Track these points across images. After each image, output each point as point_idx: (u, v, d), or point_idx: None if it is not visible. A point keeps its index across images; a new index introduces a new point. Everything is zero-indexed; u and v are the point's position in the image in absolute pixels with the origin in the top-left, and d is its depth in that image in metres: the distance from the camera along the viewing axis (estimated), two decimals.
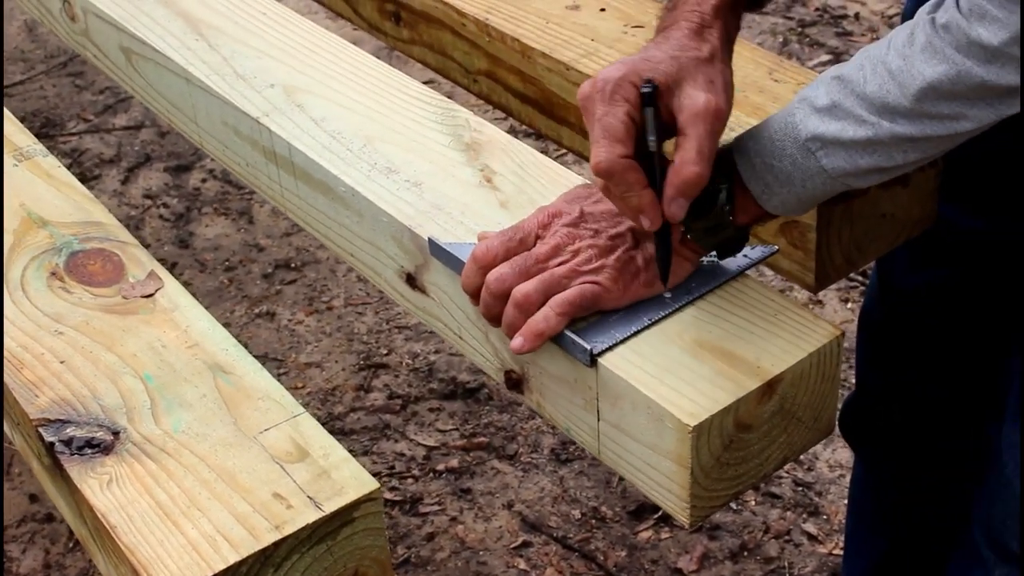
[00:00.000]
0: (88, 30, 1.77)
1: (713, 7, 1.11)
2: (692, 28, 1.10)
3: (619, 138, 1.05)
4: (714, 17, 1.11)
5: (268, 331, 2.77)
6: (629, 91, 1.05)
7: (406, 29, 1.77)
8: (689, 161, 1.04)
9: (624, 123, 1.05)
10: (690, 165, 1.04)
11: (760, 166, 1.09)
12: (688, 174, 1.05)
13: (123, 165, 3.35)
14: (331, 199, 1.35)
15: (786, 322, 1.10)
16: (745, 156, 1.09)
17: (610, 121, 1.05)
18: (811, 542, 2.24)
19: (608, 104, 1.05)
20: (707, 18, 1.10)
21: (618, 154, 1.04)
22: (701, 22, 1.10)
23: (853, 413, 1.66)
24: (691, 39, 1.09)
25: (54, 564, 2.27)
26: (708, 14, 1.11)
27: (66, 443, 1.08)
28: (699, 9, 1.11)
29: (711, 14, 1.11)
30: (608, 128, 1.05)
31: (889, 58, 1.00)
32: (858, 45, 3.67)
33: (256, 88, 1.48)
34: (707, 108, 1.05)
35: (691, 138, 1.05)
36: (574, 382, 1.12)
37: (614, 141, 1.05)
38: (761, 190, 1.09)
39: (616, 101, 1.05)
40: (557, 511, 2.32)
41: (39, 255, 1.32)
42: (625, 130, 1.05)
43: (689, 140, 1.05)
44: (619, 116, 1.05)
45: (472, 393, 2.58)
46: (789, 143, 1.06)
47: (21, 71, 3.80)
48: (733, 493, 1.09)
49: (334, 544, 1.00)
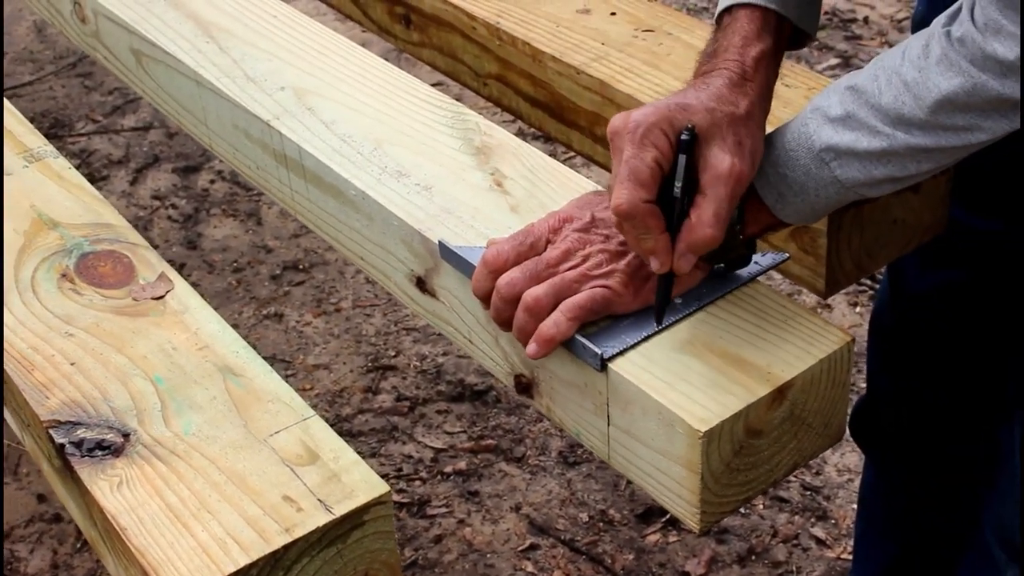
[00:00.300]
0: (99, 32, 1.77)
1: (755, 58, 1.10)
2: (732, 79, 1.09)
3: (644, 183, 1.05)
4: (755, 69, 1.10)
5: (276, 332, 2.78)
6: (659, 138, 1.05)
7: (416, 32, 1.77)
8: (705, 223, 1.05)
9: (651, 168, 1.05)
10: (706, 227, 1.05)
11: (774, 176, 1.09)
12: (702, 235, 1.05)
13: (132, 166, 3.36)
14: (341, 202, 1.36)
15: (797, 328, 1.10)
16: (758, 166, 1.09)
17: (637, 164, 1.05)
18: (819, 546, 2.23)
19: (637, 147, 1.05)
20: (748, 70, 1.10)
21: (641, 198, 1.04)
22: (742, 74, 1.09)
23: (863, 417, 1.66)
24: (730, 91, 1.08)
25: (62, 564, 2.27)
26: (750, 65, 1.10)
27: (76, 445, 1.08)
28: (741, 59, 1.10)
29: (752, 66, 1.10)
30: (635, 171, 1.05)
31: (904, 69, 1.00)
32: (867, 49, 3.67)
33: (266, 91, 1.48)
34: (730, 173, 1.05)
35: (710, 200, 1.05)
36: (584, 387, 1.12)
37: (638, 185, 1.04)
38: (775, 200, 1.10)
39: (646, 146, 1.05)
40: (565, 514, 2.31)
41: (49, 256, 1.33)
42: (651, 175, 1.05)
43: (708, 201, 1.05)
44: (647, 161, 1.05)
45: (480, 395, 2.58)
46: (803, 153, 1.06)
47: (30, 72, 3.80)
48: (743, 499, 1.09)
49: (344, 547, 1.00)
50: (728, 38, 1.12)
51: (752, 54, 1.10)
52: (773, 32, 1.12)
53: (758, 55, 1.10)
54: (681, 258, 1.07)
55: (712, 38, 1.15)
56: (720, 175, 1.05)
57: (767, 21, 1.12)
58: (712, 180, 1.05)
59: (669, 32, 1.57)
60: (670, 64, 1.49)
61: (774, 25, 1.13)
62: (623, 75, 1.48)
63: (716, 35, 1.14)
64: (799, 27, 1.15)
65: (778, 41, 1.13)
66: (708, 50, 1.14)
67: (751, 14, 1.12)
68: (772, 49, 1.12)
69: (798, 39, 1.17)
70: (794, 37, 1.16)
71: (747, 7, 1.12)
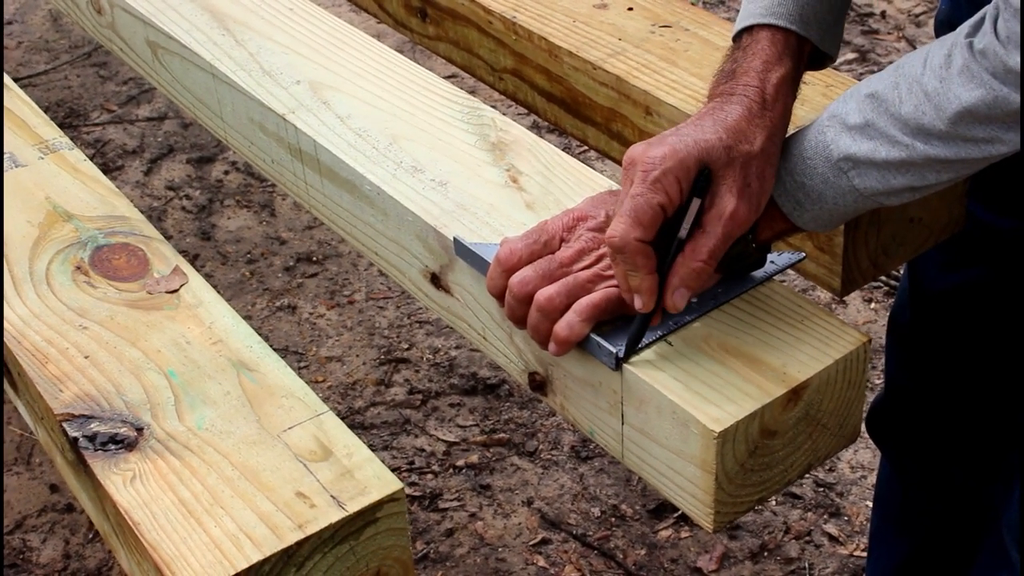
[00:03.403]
0: (114, 23, 1.77)
1: (775, 84, 1.09)
2: (752, 108, 1.08)
3: (643, 223, 1.04)
4: (776, 96, 1.09)
5: (289, 324, 2.78)
6: (672, 185, 1.04)
7: (432, 26, 1.77)
8: (698, 256, 1.06)
9: (654, 211, 1.04)
10: (698, 259, 1.06)
11: (791, 184, 1.08)
12: (694, 267, 1.06)
13: (146, 156, 3.36)
14: (356, 197, 1.35)
15: (812, 328, 1.10)
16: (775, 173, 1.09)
17: (642, 204, 1.04)
18: (832, 543, 2.23)
19: (648, 188, 1.04)
20: (769, 97, 1.08)
21: (635, 236, 1.04)
22: (762, 102, 1.08)
23: (880, 414, 1.66)
24: (748, 123, 1.07)
25: (73, 554, 2.27)
26: (770, 93, 1.09)
27: (90, 439, 1.08)
28: (761, 85, 1.09)
29: (773, 92, 1.09)
30: (637, 209, 1.04)
31: (925, 79, 0.99)
32: (884, 43, 3.66)
33: (282, 84, 1.48)
34: (732, 216, 1.05)
35: (708, 236, 1.06)
36: (599, 385, 1.12)
37: (637, 223, 1.04)
38: (792, 207, 1.09)
39: (656, 189, 1.04)
40: (577, 508, 2.31)
41: (64, 249, 1.33)
42: (652, 218, 1.04)
43: (706, 237, 1.06)
44: (652, 204, 1.04)
45: (493, 389, 2.58)
46: (820, 162, 1.06)
47: (45, 61, 3.81)
48: (757, 499, 1.08)
49: (357, 544, 1.00)
50: (748, 60, 1.10)
51: (773, 80, 1.09)
52: (794, 55, 1.11)
53: (778, 80, 1.09)
54: (675, 292, 1.07)
55: (730, 56, 1.13)
56: (721, 215, 1.05)
57: (789, 44, 1.11)
58: (713, 218, 1.06)
59: (686, 28, 1.56)
60: (687, 60, 1.49)
61: (795, 48, 1.12)
62: (639, 71, 1.47)
63: (735, 54, 1.13)
64: (820, 48, 1.14)
65: (799, 64, 1.12)
66: (726, 68, 1.12)
67: (773, 36, 1.11)
68: (792, 73, 1.11)
69: (819, 60, 1.16)
70: (814, 58, 1.15)
71: (769, 28, 1.11)
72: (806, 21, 1.12)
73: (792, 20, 1.11)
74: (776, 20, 1.11)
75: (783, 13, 1.11)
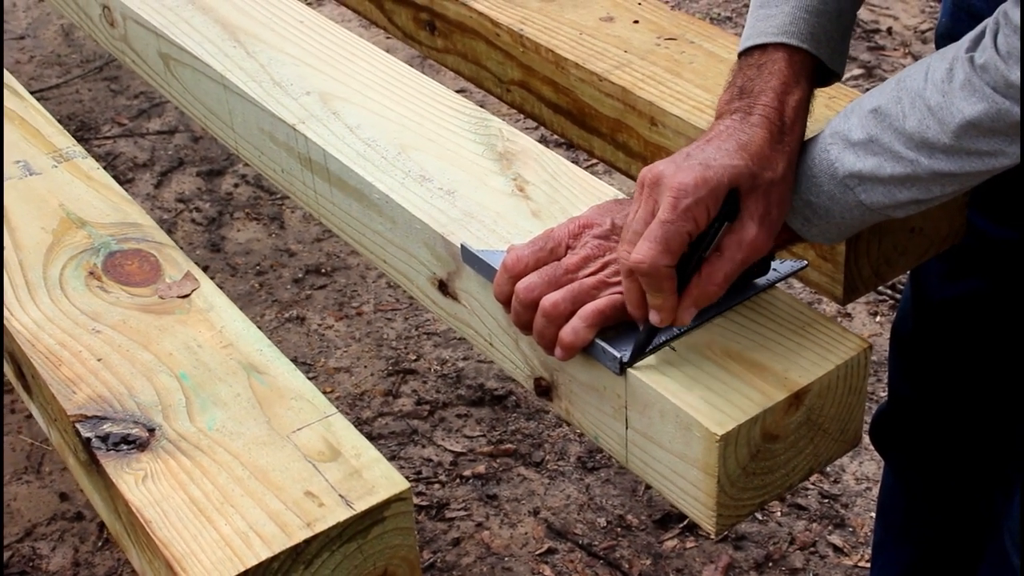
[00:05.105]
0: (127, 36, 1.79)
1: (794, 107, 1.10)
2: (773, 132, 1.08)
3: (672, 250, 1.04)
4: (795, 119, 1.09)
5: (298, 335, 2.80)
6: (702, 214, 1.04)
7: (440, 39, 1.79)
8: (714, 280, 1.07)
9: (683, 239, 1.04)
10: (713, 284, 1.07)
11: (798, 202, 1.10)
12: (708, 291, 1.07)
13: (156, 169, 3.38)
14: (365, 206, 1.37)
15: (815, 334, 1.11)
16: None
17: (673, 233, 1.04)
18: (836, 554, 2.24)
19: (679, 216, 1.04)
20: (788, 120, 1.09)
21: (664, 263, 1.04)
22: (782, 126, 1.08)
23: (885, 424, 1.67)
24: (771, 148, 1.07)
25: (83, 562, 2.29)
26: (790, 116, 1.09)
27: (102, 439, 1.10)
28: (780, 107, 1.09)
29: (792, 116, 1.09)
30: (668, 238, 1.04)
31: (928, 93, 1.00)
32: (890, 59, 3.68)
33: (292, 95, 1.50)
34: (752, 244, 1.07)
35: (726, 261, 1.07)
36: (603, 390, 1.13)
37: (667, 251, 1.04)
38: (800, 224, 1.11)
39: (687, 218, 1.04)
40: (583, 518, 2.33)
41: (77, 255, 1.35)
42: (681, 244, 1.05)
43: (723, 262, 1.07)
44: (682, 232, 1.04)
45: (500, 400, 2.60)
46: (826, 179, 1.07)
47: (57, 75, 3.84)
48: (759, 503, 1.10)
49: (364, 543, 1.02)
50: (765, 79, 1.10)
51: (791, 103, 1.10)
52: (809, 76, 1.12)
53: (796, 104, 1.10)
54: (685, 311, 1.07)
55: (741, 71, 1.13)
56: (742, 243, 1.06)
57: (804, 64, 1.12)
58: (733, 244, 1.06)
59: (691, 40, 1.58)
60: (692, 72, 1.50)
61: (810, 68, 1.12)
62: (645, 82, 1.49)
63: (747, 71, 1.12)
64: (829, 66, 1.14)
65: (812, 85, 1.13)
66: (737, 83, 1.12)
67: (790, 57, 1.11)
68: (808, 95, 1.12)
69: (824, 78, 1.16)
70: (821, 76, 1.15)
71: (785, 48, 1.11)
72: (817, 40, 1.12)
73: (805, 39, 1.11)
74: (791, 39, 1.11)
75: (796, 32, 1.11)
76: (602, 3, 1.68)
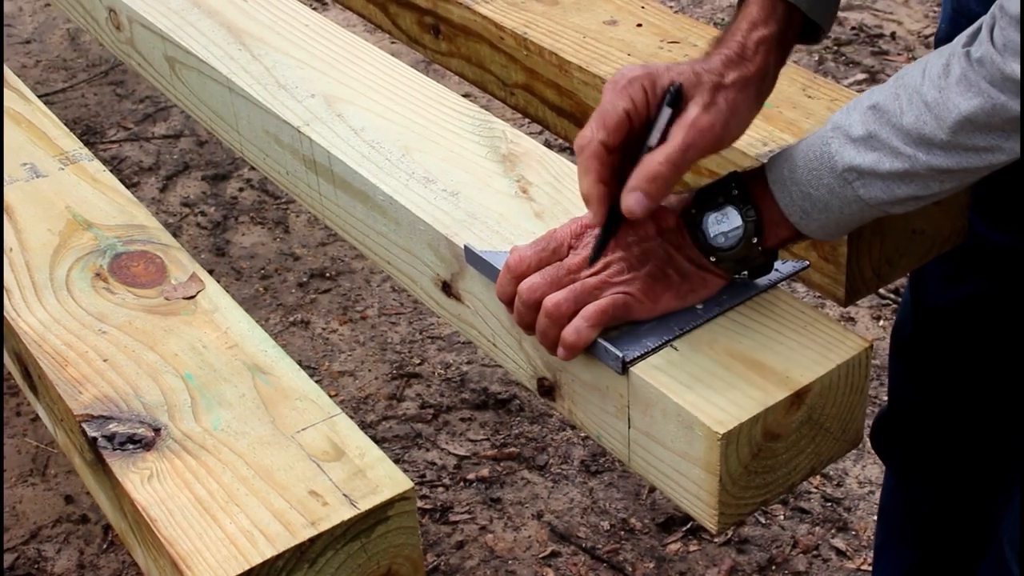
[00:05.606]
0: (133, 39, 1.80)
1: (756, 41, 1.13)
2: (730, 56, 1.12)
3: (607, 126, 1.10)
4: (755, 51, 1.13)
5: (302, 339, 2.80)
6: (638, 92, 1.10)
7: (444, 42, 1.80)
8: (656, 160, 1.09)
9: (619, 116, 1.10)
10: (655, 163, 1.09)
11: (797, 194, 1.10)
12: (649, 169, 1.09)
13: (162, 173, 3.40)
14: (369, 207, 1.38)
15: (816, 334, 1.12)
16: (781, 184, 1.10)
17: (607, 109, 1.11)
18: (839, 557, 2.24)
19: (615, 95, 1.11)
20: (748, 51, 1.12)
21: (598, 139, 1.10)
22: (741, 54, 1.12)
23: (885, 428, 1.67)
24: (725, 66, 1.12)
25: (88, 564, 2.30)
26: (751, 48, 1.13)
27: (108, 439, 1.11)
28: (743, 40, 1.13)
29: (753, 47, 1.13)
30: (604, 114, 1.11)
31: (925, 89, 1.01)
32: (894, 64, 3.68)
33: (297, 98, 1.51)
34: (695, 123, 1.09)
35: (669, 143, 1.09)
36: (606, 390, 1.14)
37: (602, 127, 1.10)
38: (800, 217, 1.11)
39: (623, 96, 1.10)
40: (586, 522, 2.33)
41: (84, 256, 1.36)
42: (617, 122, 1.10)
43: (667, 145, 1.09)
44: (618, 108, 1.10)
45: (504, 404, 2.60)
46: (825, 172, 1.07)
47: (63, 79, 3.85)
48: (760, 501, 1.10)
49: (368, 541, 1.02)
50: (735, 24, 1.15)
51: (755, 37, 1.13)
52: (781, 20, 1.14)
53: (760, 38, 1.13)
54: (630, 194, 1.09)
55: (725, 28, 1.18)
56: (684, 124, 1.09)
57: (775, 8, 1.14)
58: (677, 127, 1.10)
59: (695, 44, 1.59)
60: None
61: (783, 13, 1.14)
62: None
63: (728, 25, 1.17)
64: (811, 18, 1.16)
65: (785, 29, 1.15)
66: (719, 35, 1.17)
67: (761, 1, 1.14)
68: (777, 35, 1.14)
69: (812, 32, 1.18)
70: (808, 30, 1.17)
71: None
72: None
73: None
74: None
75: None
76: (606, 7, 1.69)
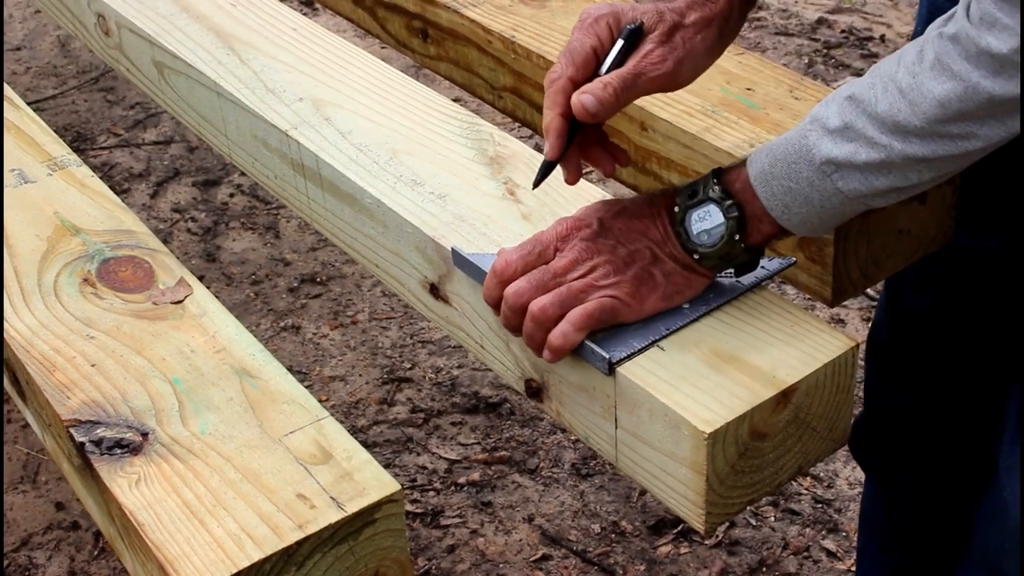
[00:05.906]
0: (122, 44, 1.80)
1: None
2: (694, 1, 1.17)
3: (575, 62, 1.15)
4: None
5: (293, 344, 2.80)
6: (603, 29, 1.16)
7: (433, 46, 1.80)
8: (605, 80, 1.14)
9: (586, 52, 1.15)
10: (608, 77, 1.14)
11: (778, 188, 1.10)
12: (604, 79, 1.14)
13: (152, 179, 3.39)
14: (357, 210, 1.38)
15: (803, 333, 1.12)
16: (762, 179, 1.10)
17: (575, 46, 1.16)
18: (830, 559, 2.25)
19: (581, 32, 1.17)
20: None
21: (567, 75, 1.15)
22: None
23: (862, 432, 1.67)
24: (688, 5, 1.17)
25: (79, 571, 2.29)
26: None
27: (96, 443, 1.11)
28: None
29: None
30: (571, 51, 1.16)
31: (899, 76, 1.01)
32: None
33: (285, 102, 1.51)
34: (647, 55, 1.15)
35: (622, 68, 1.14)
36: (593, 390, 1.14)
37: (570, 63, 1.15)
38: (781, 211, 1.11)
39: (588, 33, 1.16)
40: (577, 525, 2.33)
41: (72, 262, 1.36)
42: (584, 58, 1.15)
43: (620, 69, 1.14)
44: (585, 45, 1.15)
45: (494, 408, 2.60)
46: (804, 166, 1.07)
47: (53, 86, 3.85)
48: (748, 501, 1.11)
49: (356, 544, 1.02)
50: None
51: None
52: None
53: None
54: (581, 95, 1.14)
55: None
56: (637, 55, 1.15)
57: None
58: (630, 59, 1.15)
59: None
60: None
61: None
62: None
63: None
64: None
65: None
66: None
67: None
68: None
69: None
70: None
71: None
72: None
73: None
74: None
75: None
76: None
